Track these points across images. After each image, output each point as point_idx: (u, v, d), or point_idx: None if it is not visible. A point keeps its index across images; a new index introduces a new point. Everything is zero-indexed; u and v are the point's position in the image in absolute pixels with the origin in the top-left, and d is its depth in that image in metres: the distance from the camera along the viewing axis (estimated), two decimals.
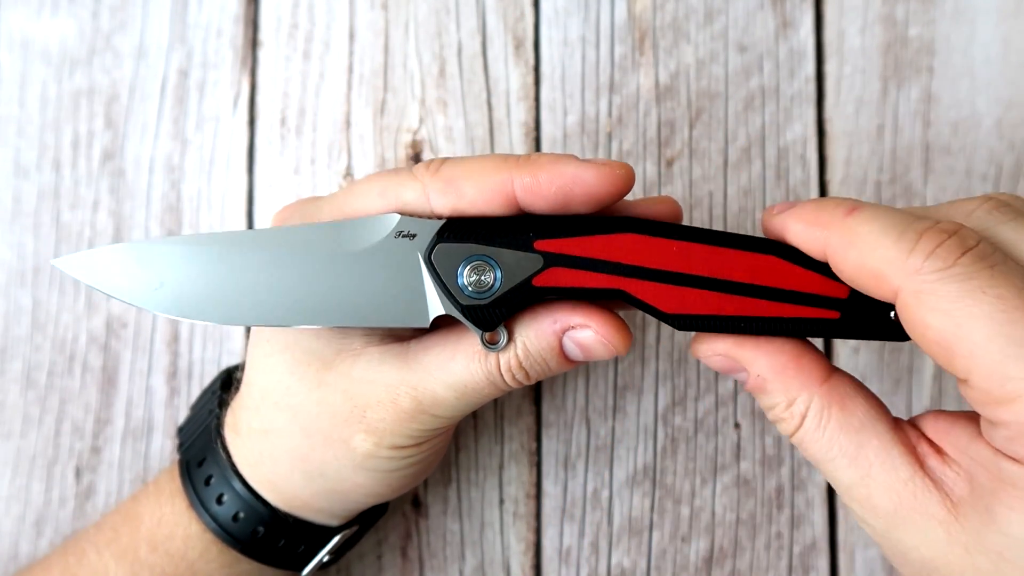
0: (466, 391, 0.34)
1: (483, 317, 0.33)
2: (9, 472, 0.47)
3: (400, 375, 0.34)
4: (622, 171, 0.32)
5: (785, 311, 0.32)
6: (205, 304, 0.33)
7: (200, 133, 0.49)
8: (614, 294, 0.33)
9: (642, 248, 0.32)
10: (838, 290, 0.32)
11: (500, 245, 0.33)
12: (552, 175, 0.32)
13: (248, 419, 0.37)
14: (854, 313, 0.32)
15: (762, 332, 0.32)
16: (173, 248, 0.33)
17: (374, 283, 0.33)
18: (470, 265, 0.33)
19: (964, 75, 0.48)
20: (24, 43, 0.50)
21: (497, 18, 0.49)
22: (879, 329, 0.32)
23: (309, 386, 0.35)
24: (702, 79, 0.48)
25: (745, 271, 0.32)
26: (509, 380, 0.34)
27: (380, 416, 0.34)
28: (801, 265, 0.32)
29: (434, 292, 0.33)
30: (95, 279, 0.33)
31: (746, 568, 0.46)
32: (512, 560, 0.47)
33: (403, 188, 0.33)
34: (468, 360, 0.34)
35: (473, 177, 0.33)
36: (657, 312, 0.32)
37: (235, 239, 0.34)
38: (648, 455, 0.47)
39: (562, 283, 0.32)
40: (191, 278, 0.33)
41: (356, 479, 0.36)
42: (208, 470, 0.38)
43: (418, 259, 0.33)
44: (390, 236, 0.33)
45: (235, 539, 0.38)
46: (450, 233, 0.33)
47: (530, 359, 0.34)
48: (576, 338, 0.34)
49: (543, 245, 0.32)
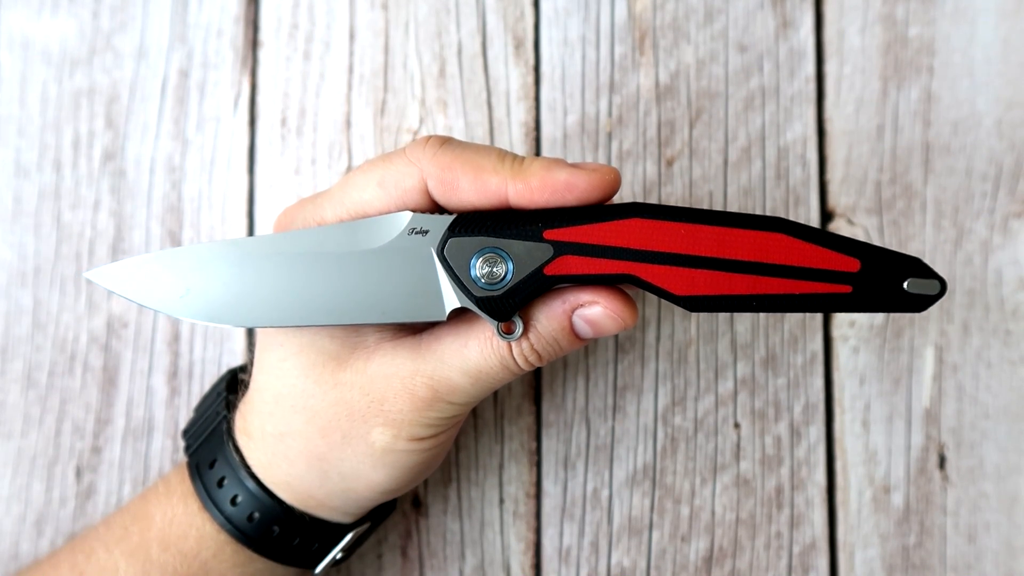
0: (480, 376, 0.35)
1: (497, 308, 0.33)
2: (10, 472, 0.47)
3: (415, 365, 0.35)
4: (611, 176, 0.33)
5: (796, 287, 0.32)
6: (230, 308, 0.34)
7: (201, 133, 0.49)
8: (624, 279, 0.33)
9: (650, 232, 0.33)
10: (849, 264, 0.32)
11: (510, 237, 0.33)
12: (544, 183, 0.33)
13: (261, 423, 0.37)
14: (866, 286, 0.32)
15: (774, 309, 0.33)
16: (197, 255, 0.35)
17: (391, 280, 0.34)
18: (482, 257, 0.33)
19: (964, 75, 0.48)
20: (24, 43, 0.50)
21: (497, 18, 0.49)
22: (892, 301, 0.32)
23: (326, 387, 0.36)
24: (702, 79, 0.48)
25: (754, 250, 0.32)
26: (522, 363, 0.35)
27: (398, 407, 0.35)
28: (810, 241, 0.32)
29: (449, 286, 0.34)
30: (126, 289, 0.35)
31: (746, 568, 0.46)
32: (512, 560, 0.47)
33: (401, 176, 0.34)
34: (481, 346, 0.34)
35: (470, 174, 0.33)
36: (668, 295, 0.33)
37: (255, 244, 0.35)
38: (648, 455, 0.47)
39: (573, 270, 0.33)
40: (215, 284, 0.34)
41: (373, 476, 0.37)
42: (220, 472, 0.38)
43: (431, 254, 0.34)
44: (403, 233, 0.34)
45: (250, 539, 0.38)
46: (461, 227, 0.33)
47: (541, 341, 0.35)
48: (585, 315, 0.34)
49: (552, 234, 0.33)
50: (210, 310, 0.34)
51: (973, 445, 0.47)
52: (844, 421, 0.47)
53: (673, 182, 0.48)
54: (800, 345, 0.47)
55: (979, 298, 0.47)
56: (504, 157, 0.34)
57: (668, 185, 0.48)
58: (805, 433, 0.47)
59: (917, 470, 0.47)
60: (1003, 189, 0.48)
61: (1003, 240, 0.47)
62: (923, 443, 0.47)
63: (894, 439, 0.47)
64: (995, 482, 0.47)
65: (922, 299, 0.33)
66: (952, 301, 0.47)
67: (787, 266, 0.32)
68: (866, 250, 0.33)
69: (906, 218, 0.48)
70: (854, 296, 0.32)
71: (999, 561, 0.46)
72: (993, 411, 0.47)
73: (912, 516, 0.47)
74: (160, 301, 0.35)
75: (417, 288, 0.34)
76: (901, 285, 0.32)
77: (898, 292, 0.32)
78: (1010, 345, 0.47)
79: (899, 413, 0.47)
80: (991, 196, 0.48)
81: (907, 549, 0.46)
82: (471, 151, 0.34)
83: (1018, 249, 0.47)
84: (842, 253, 0.32)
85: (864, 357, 0.47)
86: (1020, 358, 0.47)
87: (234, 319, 0.34)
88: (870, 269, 0.32)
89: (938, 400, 0.47)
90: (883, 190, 0.48)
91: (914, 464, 0.47)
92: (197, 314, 0.34)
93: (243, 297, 0.34)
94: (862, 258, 0.32)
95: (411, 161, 0.34)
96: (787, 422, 0.47)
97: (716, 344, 0.47)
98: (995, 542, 0.46)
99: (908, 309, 0.32)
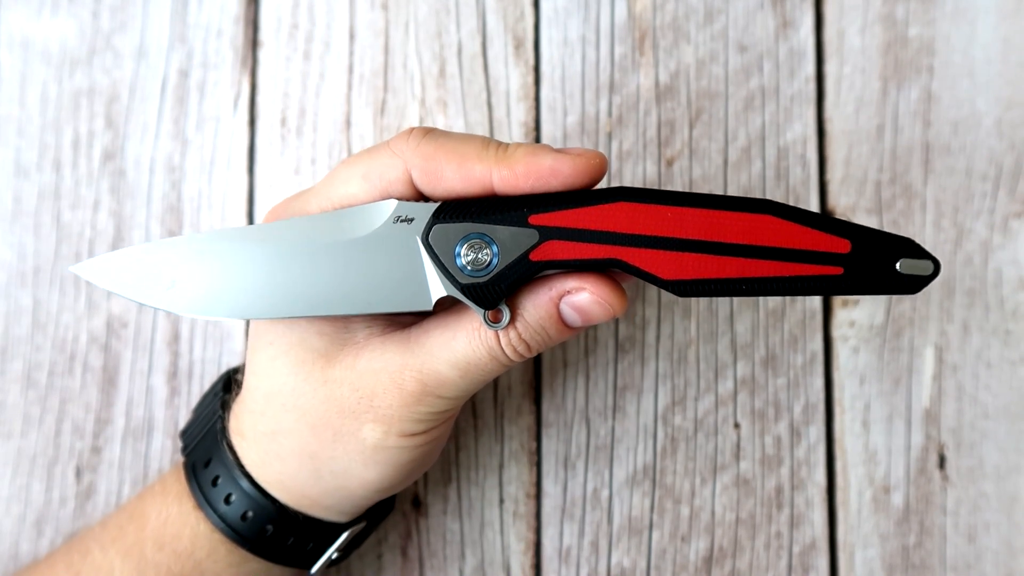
0: (469, 368, 0.34)
1: (483, 295, 0.33)
2: (9, 472, 0.47)
3: (403, 359, 0.35)
4: (596, 160, 0.33)
5: (786, 270, 0.32)
6: (216, 300, 0.34)
7: (200, 133, 0.49)
8: (611, 263, 0.33)
9: (636, 216, 0.32)
10: (840, 245, 0.32)
11: (495, 222, 0.33)
12: (529, 168, 0.33)
13: (253, 423, 0.37)
14: (858, 267, 0.32)
15: (764, 293, 0.32)
16: (181, 248, 0.34)
17: (376, 269, 0.34)
18: (467, 244, 0.33)
19: (964, 75, 0.48)
20: (24, 43, 0.50)
21: (497, 18, 0.49)
22: (885, 282, 0.32)
23: (315, 385, 0.36)
24: (702, 79, 0.48)
25: (742, 232, 0.32)
26: (511, 353, 0.34)
27: (388, 403, 0.35)
28: (800, 223, 0.32)
29: (435, 274, 0.33)
30: (111, 283, 0.35)
31: (746, 568, 0.46)
32: (512, 560, 0.47)
33: (385, 167, 0.34)
34: (469, 337, 0.34)
35: (454, 162, 0.33)
36: (655, 279, 0.32)
37: (239, 235, 0.34)
38: (648, 455, 0.47)
39: (559, 256, 0.33)
40: (200, 276, 0.34)
41: (365, 474, 0.37)
42: (215, 471, 0.38)
43: (417, 242, 0.33)
44: (388, 222, 0.34)
45: (244, 538, 0.38)
46: (446, 214, 0.33)
47: (529, 330, 0.34)
48: (573, 302, 0.34)
49: (538, 219, 0.33)
50: (196, 302, 0.34)
51: (973, 445, 0.47)
52: (844, 421, 0.47)
53: (673, 182, 0.48)
54: (800, 345, 0.47)
55: (979, 298, 0.47)
56: (488, 144, 0.34)
57: (668, 185, 0.48)
58: (805, 433, 0.47)
59: (917, 470, 0.47)
60: (1003, 189, 0.48)
61: (1003, 240, 0.47)
62: (923, 443, 0.47)
63: (894, 439, 0.47)
64: (995, 482, 0.47)
65: (915, 280, 0.32)
66: (952, 301, 0.47)
67: (777, 248, 0.32)
68: (857, 231, 0.32)
69: (906, 218, 0.48)
70: (846, 278, 0.32)
71: (999, 561, 0.46)
72: (993, 411, 0.47)
73: (912, 516, 0.47)
74: (147, 294, 0.34)
75: (403, 277, 0.34)
76: (893, 266, 0.32)
77: (891, 273, 0.32)
78: (1010, 345, 0.47)
79: (899, 413, 0.47)
80: (991, 196, 0.48)
81: (907, 549, 0.46)
82: (454, 140, 0.34)
83: (1018, 249, 0.47)
84: (832, 234, 0.32)
85: (864, 357, 0.47)
86: (1020, 358, 0.47)
87: (221, 311, 0.34)
88: (861, 250, 0.31)
89: (938, 400, 0.47)
90: (883, 190, 0.48)
91: (914, 464, 0.47)
92: (183, 306, 0.34)
93: (229, 289, 0.34)
94: (853, 239, 0.32)
95: (395, 153, 0.34)
96: (787, 422, 0.47)
97: (716, 344, 0.47)
98: (995, 542, 0.46)
99: (902, 291, 0.32)
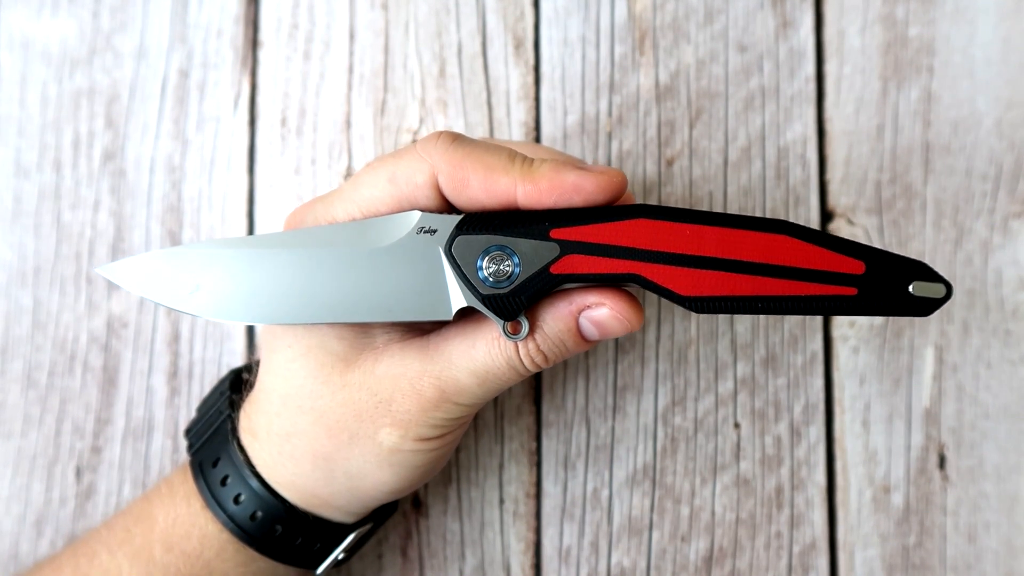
0: (487, 376, 0.35)
1: (504, 306, 0.34)
2: (9, 472, 0.47)
3: (423, 366, 0.35)
4: (618, 178, 0.34)
5: (801, 289, 0.32)
6: (239, 305, 0.35)
7: (201, 133, 0.49)
8: (630, 279, 0.33)
9: (655, 232, 0.33)
10: (854, 266, 0.32)
11: (517, 235, 0.33)
12: (553, 184, 0.33)
13: (267, 423, 0.38)
14: (871, 289, 0.32)
15: (779, 311, 0.33)
16: (207, 252, 0.35)
17: (399, 278, 0.34)
18: (489, 255, 0.34)
19: (964, 75, 0.48)
20: (24, 43, 0.50)
21: (497, 18, 0.49)
22: (898, 304, 0.32)
23: (334, 388, 0.36)
24: (702, 79, 0.48)
25: (759, 251, 0.33)
26: (528, 364, 0.35)
27: (406, 408, 0.35)
28: (815, 243, 0.32)
29: (456, 285, 0.34)
30: (136, 285, 0.35)
31: (746, 568, 0.46)
32: (512, 560, 0.47)
33: (413, 171, 0.34)
34: (488, 346, 0.35)
35: (480, 172, 0.34)
36: (673, 295, 0.33)
37: (265, 241, 0.35)
38: (648, 455, 0.47)
39: (579, 270, 0.33)
40: (225, 280, 0.35)
41: (379, 476, 0.37)
42: (224, 470, 0.38)
43: (439, 253, 0.34)
44: (412, 232, 0.34)
45: (253, 538, 0.38)
46: (469, 226, 0.34)
47: (548, 342, 0.35)
48: (592, 317, 0.35)
49: (559, 233, 0.33)
50: (220, 307, 0.35)
51: (973, 445, 0.47)
52: (844, 421, 0.47)
53: (673, 182, 0.48)
54: (800, 345, 0.47)
55: (979, 298, 0.47)
56: (514, 157, 0.34)
57: (668, 185, 0.48)
58: (805, 433, 0.47)
59: (917, 470, 0.47)
60: (1003, 189, 0.48)
61: (1003, 240, 0.47)
62: (923, 443, 0.47)
63: (894, 439, 0.47)
64: (995, 482, 0.47)
65: (928, 303, 0.33)
66: (952, 301, 0.47)
67: (792, 268, 0.32)
68: (871, 253, 0.33)
69: (906, 218, 0.48)
70: (859, 298, 0.32)
71: (999, 561, 0.46)
72: (993, 411, 0.47)
73: (912, 516, 0.47)
74: (171, 297, 0.35)
75: (424, 287, 0.34)
76: (906, 288, 0.32)
77: (903, 295, 0.32)
78: (1010, 345, 0.47)
79: (899, 413, 0.47)
80: (991, 196, 0.48)
81: (907, 549, 0.46)
82: (482, 149, 0.34)
83: (1018, 249, 0.47)
84: (847, 256, 0.32)
85: (864, 357, 0.47)
86: (1020, 358, 0.47)
87: (244, 316, 0.35)
88: (875, 272, 0.32)
89: (938, 400, 0.47)
90: (883, 190, 0.48)
91: (914, 464, 0.47)
92: (207, 311, 0.35)
93: (253, 294, 0.35)
94: (867, 261, 0.32)
95: (422, 156, 0.34)
96: (787, 422, 0.47)
97: (716, 344, 0.47)
98: (995, 542, 0.46)
99: (914, 312, 0.32)
